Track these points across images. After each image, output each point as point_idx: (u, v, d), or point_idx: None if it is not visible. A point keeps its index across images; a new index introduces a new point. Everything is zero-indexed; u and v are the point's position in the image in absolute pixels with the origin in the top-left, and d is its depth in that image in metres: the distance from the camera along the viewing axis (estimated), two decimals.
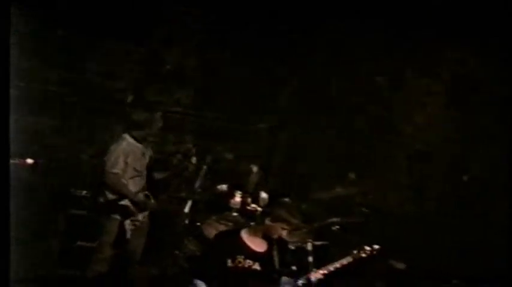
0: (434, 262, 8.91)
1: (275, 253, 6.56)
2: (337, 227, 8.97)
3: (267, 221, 6.59)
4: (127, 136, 7.89)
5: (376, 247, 6.65)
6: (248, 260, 6.50)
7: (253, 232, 6.65)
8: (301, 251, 7.65)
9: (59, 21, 9.36)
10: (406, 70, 9.85)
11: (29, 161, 8.80)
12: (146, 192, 7.87)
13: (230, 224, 8.81)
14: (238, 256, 6.50)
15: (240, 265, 6.48)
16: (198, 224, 8.77)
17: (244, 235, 6.65)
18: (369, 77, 9.88)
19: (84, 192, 8.84)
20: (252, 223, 7.89)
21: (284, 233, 6.58)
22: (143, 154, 7.90)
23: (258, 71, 9.92)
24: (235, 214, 8.94)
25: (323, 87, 9.94)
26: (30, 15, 8.99)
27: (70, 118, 9.88)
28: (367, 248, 6.69)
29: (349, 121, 9.93)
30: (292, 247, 7.64)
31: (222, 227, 8.73)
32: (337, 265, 6.64)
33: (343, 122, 10.00)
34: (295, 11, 9.55)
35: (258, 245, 6.59)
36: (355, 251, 6.70)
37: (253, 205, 9.03)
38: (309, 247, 8.59)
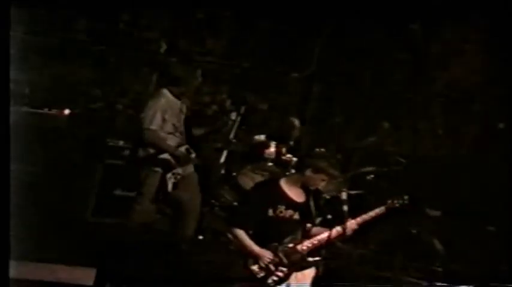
0: (469, 208, 9.02)
1: (311, 203, 6.66)
2: (372, 176, 9.13)
3: (308, 173, 6.64)
4: (166, 92, 7.87)
5: (406, 197, 6.69)
6: (289, 210, 6.60)
7: (292, 182, 6.66)
8: (336, 201, 7.77)
9: None
10: (442, 17, 9.84)
11: (66, 111, 9.06)
12: (187, 146, 7.93)
13: (265, 174, 8.97)
14: (280, 206, 6.62)
15: (281, 214, 6.58)
16: (234, 174, 8.96)
17: (284, 185, 6.66)
18: (403, 25, 9.89)
19: (121, 142, 8.99)
20: (288, 173, 8.03)
21: (323, 184, 6.64)
22: (181, 110, 7.95)
23: (292, 21, 9.96)
24: (270, 164, 9.10)
25: (356, 37, 9.97)
26: None
27: (104, 69, 10.05)
28: (405, 197, 6.73)
29: (383, 70, 9.98)
30: (327, 197, 7.77)
31: (258, 177, 8.89)
32: (372, 214, 6.69)
33: (376, 72, 10.05)
34: None
35: (297, 195, 6.63)
36: (389, 201, 6.74)
37: (289, 155, 9.18)
38: (344, 196, 8.76)
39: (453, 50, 9.99)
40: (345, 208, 6.73)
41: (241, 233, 6.54)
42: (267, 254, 6.48)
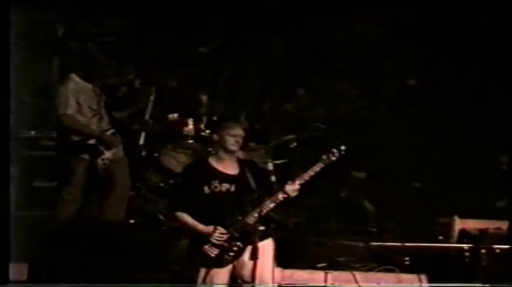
0: (395, 167, 9.36)
1: (248, 175, 6.77)
2: (295, 144, 9.35)
3: (215, 137, 6.81)
4: (74, 76, 7.97)
5: (343, 147, 6.88)
6: (224, 184, 6.72)
7: (219, 156, 6.81)
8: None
9: None
10: None
11: None
12: (112, 130, 8.00)
13: (187, 152, 9.07)
14: (213, 181, 6.72)
15: (217, 189, 6.71)
16: (156, 155, 9.00)
17: (212, 160, 6.82)
18: None
19: (33, 132, 8.90)
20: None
21: (240, 141, 6.72)
22: (95, 93, 7.99)
23: None
24: (191, 141, 9.19)
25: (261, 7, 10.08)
26: None
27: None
28: (335, 150, 6.91)
29: (293, 38, 10.15)
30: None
31: (180, 156, 8.99)
32: (311, 173, 6.82)
33: (285, 41, 10.21)
34: None
35: (228, 168, 6.77)
36: (324, 157, 6.89)
37: (208, 131, 9.28)
38: (270, 166, 9.00)
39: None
40: (273, 178, 6.89)
41: (184, 216, 6.64)
42: (215, 231, 6.59)
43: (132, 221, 8.32)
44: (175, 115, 9.41)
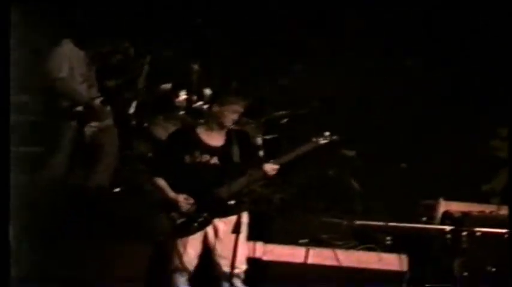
0: (384, 147, 9.49)
1: (234, 146, 6.86)
2: (286, 119, 9.47)
3: (215, 108, 6.88)
4: (68, 41, 8.09)
5: (333, 136, 6.99)
6: (205, 155, 6.83)
7: (209, 127, 6.91)
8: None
9: None
10: None
11: None
12: (102, 98, 8.14)
13: (178, 123, 9.19)
14: (195, 151, 6.83)
15: (197, 160, 6.82)
16: (146, 125, 9.15)
17: (200, 130, 6.93)
18: None
19: (25, 97, 9.00)
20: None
21: (236, 117, 6.83)
22: (88, 60, 8.11)
23: None
24: (182, 112, 9.33)
25: None
26: None
27: None
28: (326, 134, 7.01)
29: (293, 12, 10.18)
30: None
31: (170, 127, 9.10)
32: (296, 153, 6.92)
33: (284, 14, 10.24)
34: None
35: (214, 139, 6.87)
36: (314, 139, 6.99)
37: (199, 103, 9.42)
38: (259, 141, 9.13)
39: None
40: (261, 153, 7.01)
41: (160, 182, 6.80)
42: (183, 199, 6.74)
43: (117, 189, 8.48)
44: (168, 85, 9.53)
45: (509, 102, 8.69)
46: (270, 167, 6.83)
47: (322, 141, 6.98)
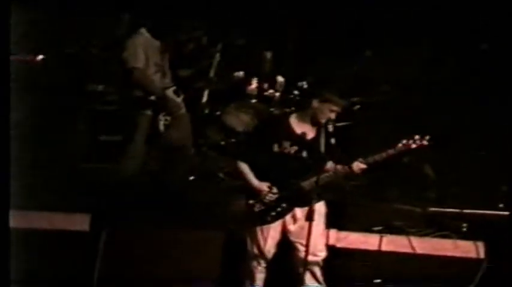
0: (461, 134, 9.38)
1: (322, 140, 6.74)
2: (358, 106, 9.45)
3: (315, 104, 6.81)
4: (144, 31, 8.14)
5: (427, 137, 6.86)
6: (294, 147, 6.80)
7: (302, 118, 6.85)
8: None
9: None
10: None
11: (39, 57, 9.04)
12: (174, 87, 8.22)
13: (250, 111, 9.29)
14: (285, 142, 6.81)
15: (286, 150, 6.79)
16: (218, 113, 9.25)
17: (293, 121, 6.87)
18: None
19: (101, 87, 9.20)
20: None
21: (333, 116, 6.78)
22: (162, 50, 8.18)
23: None
24: (253, 100, 9.40)
25: None
26: None
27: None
28: (417, 137, 6.88)
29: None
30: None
31: (243, 115, 9.22)
32: (384, 155, 6.78)
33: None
34: None
35: (305, 131, 6.80)
36: (404, 141, 6.83)
37: (271, 91, 9.48)
38: (330, 128, 9.11)
39: None
40: (332, 140, 6.99)
41: (244, 167, 6.81)
42: (266, 188, 6.77)
43: (192, 178, 8.59)
44: (241, 73, 9.61)
45: None
46: (358, 167, 6.80)
47: (413, 145, 6.87)
